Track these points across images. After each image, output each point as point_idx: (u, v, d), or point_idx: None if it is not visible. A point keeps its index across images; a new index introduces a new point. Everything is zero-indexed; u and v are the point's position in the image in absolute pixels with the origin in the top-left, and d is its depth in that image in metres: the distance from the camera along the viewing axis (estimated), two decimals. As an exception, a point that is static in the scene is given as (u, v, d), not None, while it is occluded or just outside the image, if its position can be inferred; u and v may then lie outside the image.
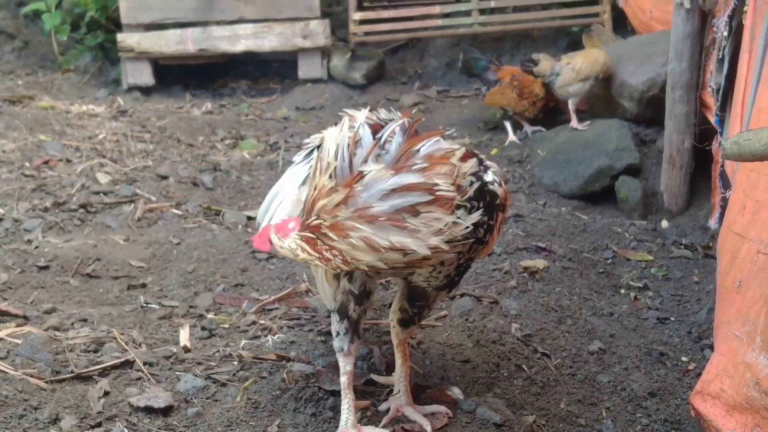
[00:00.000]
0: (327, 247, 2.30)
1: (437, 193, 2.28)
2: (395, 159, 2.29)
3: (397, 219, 2.24)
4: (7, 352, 3.13)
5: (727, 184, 4.38)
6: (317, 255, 2.32)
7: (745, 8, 4.31)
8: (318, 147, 2.94)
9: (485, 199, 2.44)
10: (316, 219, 2.30)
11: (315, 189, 2.34)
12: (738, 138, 2.89)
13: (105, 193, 5.06)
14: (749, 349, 2.93)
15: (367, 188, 2.26)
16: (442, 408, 2.85)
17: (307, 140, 3.04)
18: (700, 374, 3.27)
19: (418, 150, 2.32)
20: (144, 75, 7.63)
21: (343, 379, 2.72)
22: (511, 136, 6.28)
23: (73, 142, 5.94)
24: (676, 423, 3.24)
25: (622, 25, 7.32)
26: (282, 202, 2.98)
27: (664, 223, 5.10)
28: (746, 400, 2.91)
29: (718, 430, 3.05)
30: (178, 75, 7.94)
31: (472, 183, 2.39)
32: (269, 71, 8.20)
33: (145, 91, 7.63)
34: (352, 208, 2.26)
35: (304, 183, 2.85)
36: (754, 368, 2.87)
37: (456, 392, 3.00)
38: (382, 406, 2.87)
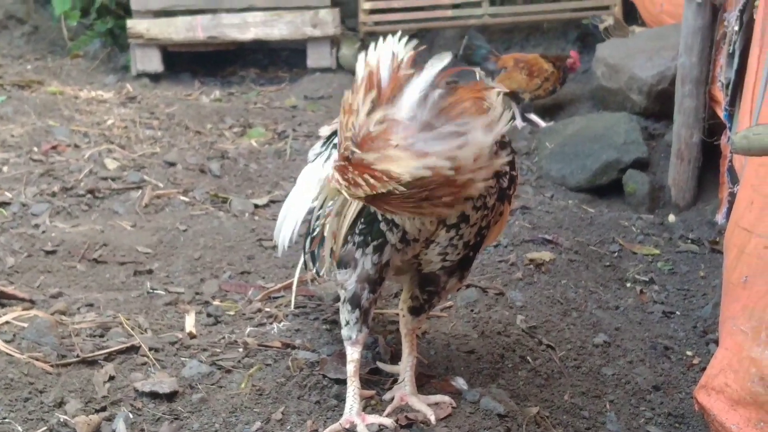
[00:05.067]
0: (358, 171, 2.16)
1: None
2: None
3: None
4: (14, 335, 3.13)
5: (735, 179, 4.37)
6: (346, 183, 2.18)
7: (756, 2, 4.30)
8: (329, 137, 2.94)
9: (505, 149, 2.43)
10: (344, 147, 2.19)
11: (345, 116, 2.21)
12: (747, 132, 2.89)
13: (113, 179, 5.07)
14: (754, 344, 2.94)
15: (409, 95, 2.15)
16: (446, 398, 2.85)
17: (320, 132, 3.04)
18: (704, 368, 3.28)
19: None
20: (153, 62, 7.65)
21: (350, 368, 2.72)
22: (519, 121, 6.29)
23: (81, 127, 5.95)
24: (679, 417, 3.25)
25: (632, 18, 7.30)
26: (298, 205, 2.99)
27: (672, 218, 5.09)
28: (750, 395, 2.91)
29: (721, 424, 3.05)
30: (187, 62, 7.95)
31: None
32: (278, 60, 8.21)
33: (154, 77, 7.65)
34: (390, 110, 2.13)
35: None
36: (759, 363, 2.87)
37: (460, 383, 3.00)
38: (387, 395, 2.87)
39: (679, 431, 3.19)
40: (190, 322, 3.40)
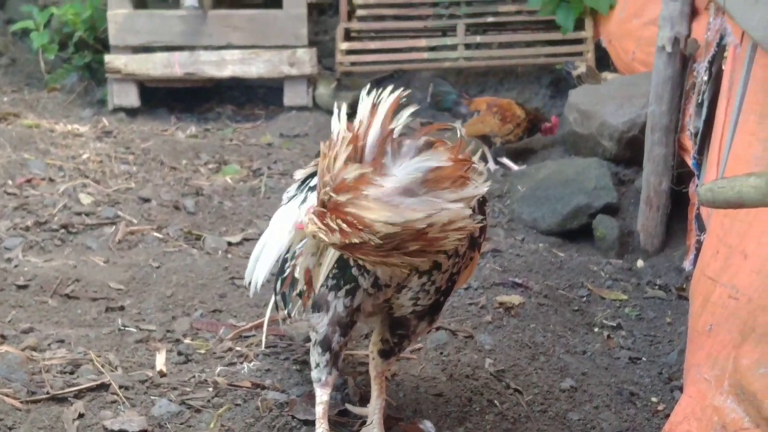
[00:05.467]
0: (334, 217, 2.23)
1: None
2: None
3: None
4: (-16, 371, 3.15)
5: (702, 227, 4.45)
6: (324, 227, 2.26)
7: (725, 54, 4.40)
8: (305, 180, 2.99)
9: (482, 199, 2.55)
10: (323, 188, 2.25)
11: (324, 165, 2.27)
12: (712, 185, 2.96)
13: (87, 214, 5.09)
14: (717, 392, 2.98)
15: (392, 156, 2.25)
16: (414, 441, 2.90)
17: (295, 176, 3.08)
18: (668, 415, 3.33)
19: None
20: (130, 97, 7.68)
21: (319, 409, 2.76)
22: (491, 164, 6.38)
23: (56, 161, 5.97)
24: (643, 463, 3.29)
25: (605, 64, 7.41)
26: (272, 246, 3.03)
27: (640, 263, 5.16)
28: (713, 443, 2.96)
29: (684, 471, 3.10)
30: (163, 97, 7.99)
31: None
32: (255, 97, 8.26)
33: (131, 112, 7.68)
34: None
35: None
36: (721, 412, 2.91)
37: (428, 426, 3.04)
38: (355, 437, 2.92)
39: (643, 477, 3.24)
40: (160, 361, 3.42)
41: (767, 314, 2.82)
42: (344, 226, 2.20)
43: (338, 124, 2.29)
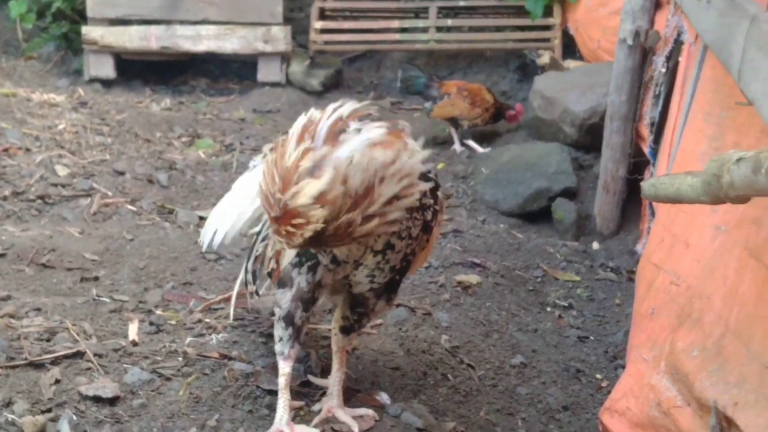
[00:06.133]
0: (285, 223, 2.37)
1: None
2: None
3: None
4: (-36, 337, 3.31)
5: (654, 213, 4.65)
6: (283, 238, 2.41)
7: (682, 50, 4.57)
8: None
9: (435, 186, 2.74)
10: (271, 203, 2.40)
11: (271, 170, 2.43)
12: (655, 181, 3.15)
13: (63, 186, 5.23)
14: (654, 372, 3.18)
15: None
16: (370, 411, 3.07)
17: (264, 149, 3.25)
18: (611, 392, 3.54)
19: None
20: (106, 68, 7.77)
21: (281, 380, 2.93)
22: (457, 145, 6.56)
23: (33, 131, 6.09)
24: (584, 436, 3.52)
25: (572, 51, 7.57)
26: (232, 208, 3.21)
27: (595, 245, 5.37)
28: (648, 419, 3.16)
29: (621, 445, 3.32)
30: (139, 69, 8.08)
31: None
32: (229, 71, 8.37)
33: (106, 83, 7.77)
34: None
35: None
36: (657, 390, 3.11)
37: (384, 397, 3.23)
38: (315, 407, 3.09)
39: (584, 450, 3.46)
40: (133, 330, 3.57)
41: (703, 301, 3.02)
42: (293, 229, 2.37)
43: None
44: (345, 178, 2.33)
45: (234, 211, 3.23)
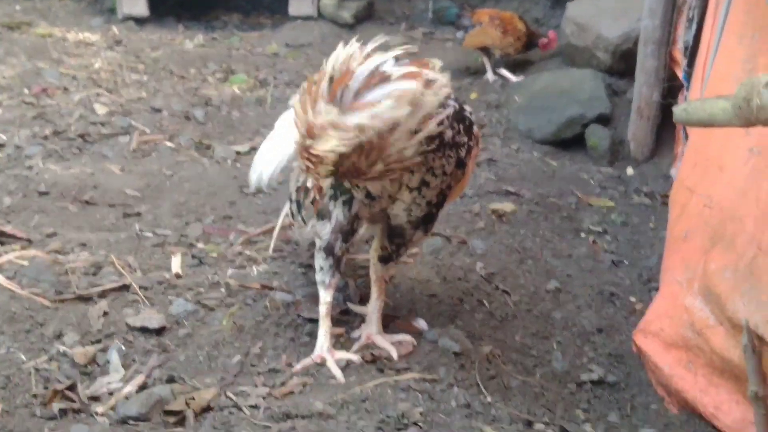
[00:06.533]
0: (307, 156, 2.48)
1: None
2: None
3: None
4: (15, 272, 3.41)
5: (688, 137, 4.65)
6: (306, 168, 2.52)
7: (715, -28, 4.52)
8: None
9: (464, 122, 2.79)
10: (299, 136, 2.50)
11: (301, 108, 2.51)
12: (687, 105, 3.16)
13: (102, 124, 5.30)
14: (688, 293, 3.24)
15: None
16: (408, 337, 3.16)
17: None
18: (644, 314, 3.60)
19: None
20: (138, 5, 7.79)
21: (322, 308, 3.02)
22: (490, 74, 6.55)
23: (70, 70, 6.17)
24: (618, 357, 3.57)
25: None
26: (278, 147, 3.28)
27: (630, 171, 5.38)
28: (682, 339, 3.23)
29: (655, 364, 3.38)
30: (171, 6, 8.10)
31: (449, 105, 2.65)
32: (260, 5, 8.36)
33: (139, 21, 7.79)
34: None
35: None
36: (691, 311, 3.17)
37: (421, 323, 3.31)
38: (355, 334, 3.19)
39: (618, 370, 3.52)
40: (176, 263, 3.68)
41: (735, 224, 3.06)
42: (310, 164, 2.47)
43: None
44: (362, 132, 2.40)
45: (278, 151, 3.30)
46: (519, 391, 3.19)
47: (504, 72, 6.58)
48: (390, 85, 2.42)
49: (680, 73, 5.07)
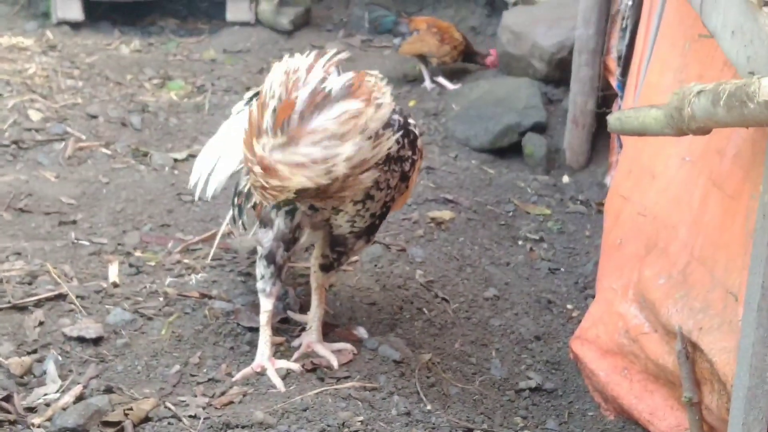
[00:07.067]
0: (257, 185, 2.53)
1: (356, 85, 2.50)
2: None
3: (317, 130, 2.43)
4: (-53, 281, 3.37)
5: (622, 146, 4.72)
6: (264, 198, 2.57)
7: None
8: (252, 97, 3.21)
9: (408, 136, 2.83)
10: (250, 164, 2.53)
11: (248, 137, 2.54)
12: (620, 114, 3.23)
13: (37, 130, 5.23)
14: (623, 300, 3.29)
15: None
16: (348, 345, 3.18)
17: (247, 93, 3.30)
18: (581, 321, 3.65)
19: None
20: (73, 10, 7.67)
21: (263, 317, 3.02)
22: (428, 82, 6.59)
23: (3, 76, 6.06)
24: (556, 364, 3.62)
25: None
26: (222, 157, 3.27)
27: (565, 179, 5.45)
28: (617, 346, 3.27)
29: (592, 371, 3.42)
30: (106, 11, 7.98)
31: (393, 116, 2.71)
32: (197, 11, 8.28)
33: (74, 26, 7.66)
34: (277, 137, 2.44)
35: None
36: (625, 318, 3.22)
37: (361, 331, 3.33)
38: (295, 342, 3.19)
39: (555, 377, 3.57)
40: (113, 272, 3.64)
41: (668, 231, 3.11)
42: (274, 193, 2.51)
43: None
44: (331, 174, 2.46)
45: (222, 162, 3.28)
46: (458, 398, 3.21)
47: (441, 80, 6.62)
48: (334, 107, 2.43)
49: (614, 82, 5.15)
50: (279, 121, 2.41)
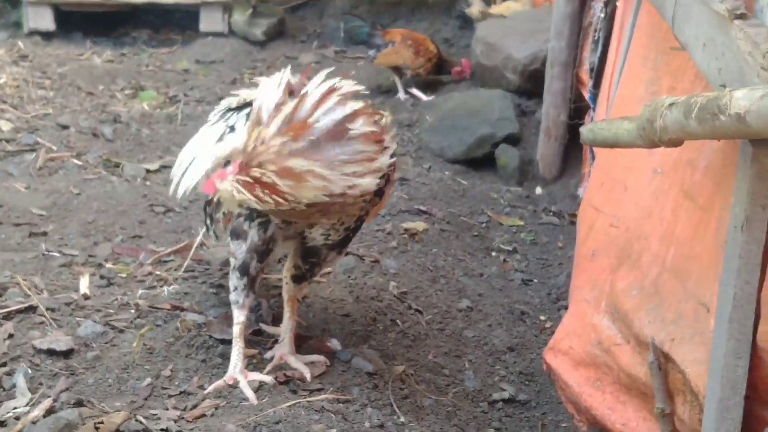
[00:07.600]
0: (266, 191, 2.60)
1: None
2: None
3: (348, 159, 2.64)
4: None
5: (595, 157, 4.74)
6: (253, 197, 2.61)
7: (619, -5, 4.63)
8: (235, 109, 3.18)
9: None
10: (258, 170, 2.59)
11: (254, 140, 2.61)
12: (593, 126, 3.25)
13: (7, 141, 5.19)
14: (595, 312, 3.29)
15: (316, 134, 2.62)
16: (321, 357, 3.17)
17: (223, 102, 3.28)
18: (554, 332, 3.66)
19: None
20: (45, 20, 7.63)
21: (236, 329, 3.01)
22: (401, 93, 6.60)
23: (-27, 86, 6.03)
24: (529, 375, 3.63)
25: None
26: (198, 159, 3.23)
27: (538, 190, 5.47)
28: (590, 357, 3.28)
29: (565, 382, 3.42)
30: (79, 21, 7.94)
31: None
32: (170, 22, 8.26)
33: (46, 36, 7.62)
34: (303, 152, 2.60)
35: (220, 139, 3.07)
36: (598, 329, 3.23)
37: (335, 343, 3.32)
38: (268, 354, 3.18)
39: (529, 388, 3.57)
40: (84, 284, 3.61)
41: (641, 242, 3.12)
42: (278, 199, 2.61)
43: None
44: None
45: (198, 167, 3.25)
46: (432, 410, 3.21)
47: (415, 91, 6.63)
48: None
49: (587, 94, 5.17)
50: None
